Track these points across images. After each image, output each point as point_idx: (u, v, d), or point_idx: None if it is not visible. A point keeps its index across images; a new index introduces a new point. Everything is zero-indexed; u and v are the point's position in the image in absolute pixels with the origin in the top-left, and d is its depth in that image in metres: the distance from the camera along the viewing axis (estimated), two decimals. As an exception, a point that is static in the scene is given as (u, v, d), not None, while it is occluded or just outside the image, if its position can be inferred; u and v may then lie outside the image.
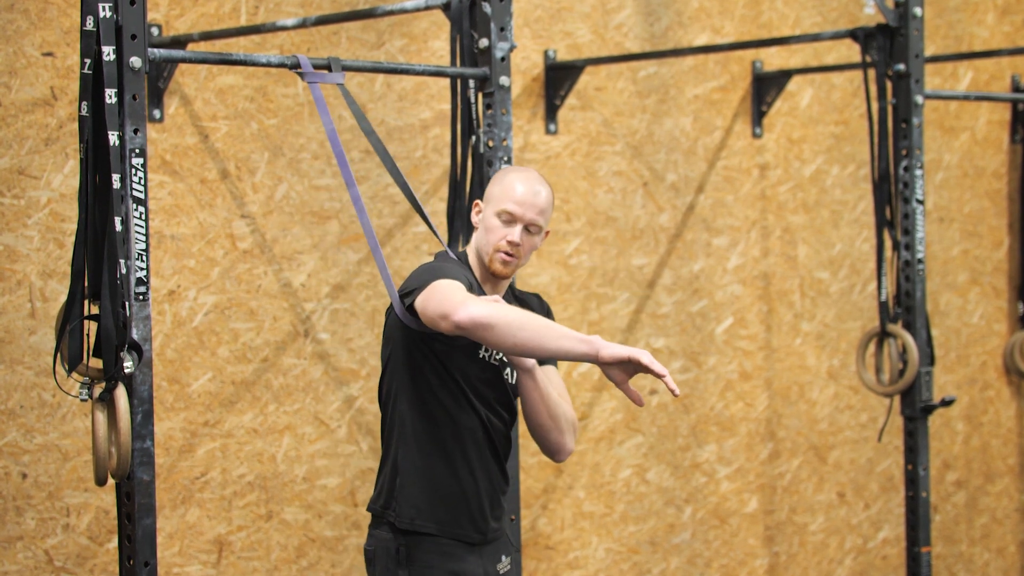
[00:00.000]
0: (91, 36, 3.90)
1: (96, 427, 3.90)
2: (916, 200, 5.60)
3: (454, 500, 4.10)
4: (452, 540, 4.10)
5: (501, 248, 4.10)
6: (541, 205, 4.11)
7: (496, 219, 4.11)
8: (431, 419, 4.08)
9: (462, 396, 4.09)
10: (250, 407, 5.35)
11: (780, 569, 6.91)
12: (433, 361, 4.07)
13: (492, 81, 4.69)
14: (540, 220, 4.12)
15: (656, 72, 6.41)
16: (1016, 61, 7.73)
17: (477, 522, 4.13)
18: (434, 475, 4.09)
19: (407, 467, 4.10)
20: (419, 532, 4.07)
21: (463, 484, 4.10)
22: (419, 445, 4.09)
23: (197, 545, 5.26)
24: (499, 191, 4.13)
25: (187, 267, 5.20)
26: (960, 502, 7.61)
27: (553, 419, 4.16)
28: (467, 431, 4.10)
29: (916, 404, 5.64)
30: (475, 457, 4.11)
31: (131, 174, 3.90)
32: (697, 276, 6.57)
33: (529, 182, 4.12)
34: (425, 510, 4.07)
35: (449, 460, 4.09)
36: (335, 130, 4.22)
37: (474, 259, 4.19)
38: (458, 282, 3.88)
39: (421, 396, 4.08)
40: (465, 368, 4.08)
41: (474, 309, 3.71)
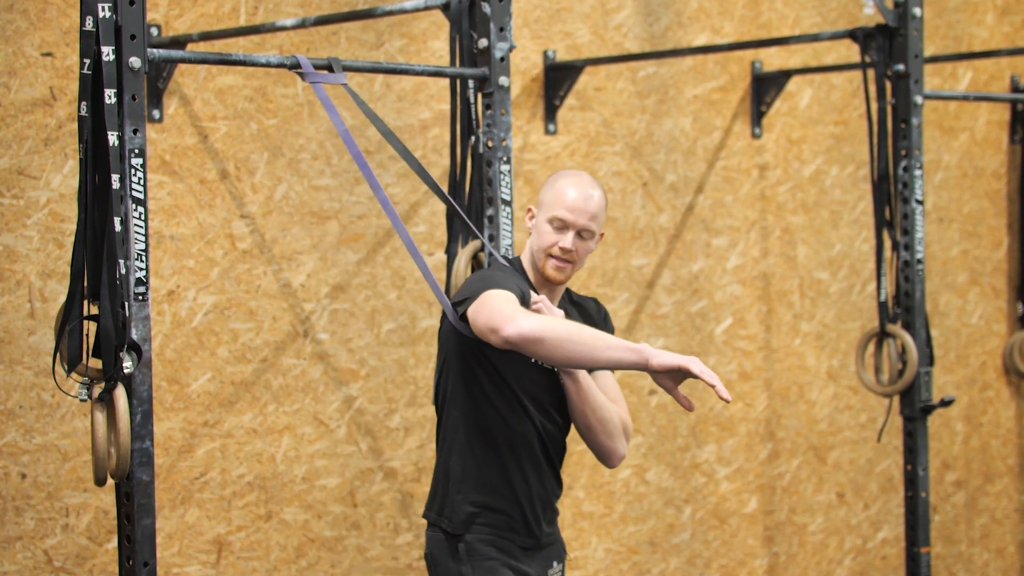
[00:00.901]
0: (90, 36, 3.90)
1: (95, 427, 3.90)
2: (915, 200, 5.60)
3: (508, 506, 4.08)
4: (508, 543, 4.08)
5: (554, 255, 4.08)
6: (593, 210, 4.08)
7: (548, 225, 4.09)
8: (485, 425, 4.06)
9: (516, 403, 4.06)
10: (249, 407, 5.35)
11: (779, 569, 6.91)
12: (487, 367, 4.05)
13: (491, 81, 4.69)
14: (593, 225, 4.09)
15: (655, 72, 6.41)
16: (1015, 61, 7.73)
17: (531, 527, 4.11)
18: (488, 481, 4.07)
19: (460, 473, 4.08)
20: (476, 536, 4.06)
21: (517, 490, 4.08)
22: (473, 451, 4.07)
23: (196, 545, 5.26)
24: (551, 197, 4.11)
25: (186, 267, 5.20)
26: (959, 502, 7.61)
27: (601, 423, 4.12)
28: (521, 437, 4.07)
29: (915, 404, 5.64)
30: (529, 463, 4.09)
31: (130, 174, 3.90)
32: (696, 276, 6.57)
33: (581, 187, 4.09)
34: (479, 515, 4.06)
35: (503, 466, 4.07)
36: (348, 131, 4.19)
37: (528, 264, 4.17)
38: (509, 293, 3.85)
39: (475, 402, 4.06)
40: (520, 374, 4.06)
41: (523, 324, 3.69)
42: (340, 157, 5.51)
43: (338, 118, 4.17)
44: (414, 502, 5.73)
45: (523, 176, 6.01)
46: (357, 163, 4.18)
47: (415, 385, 5.72)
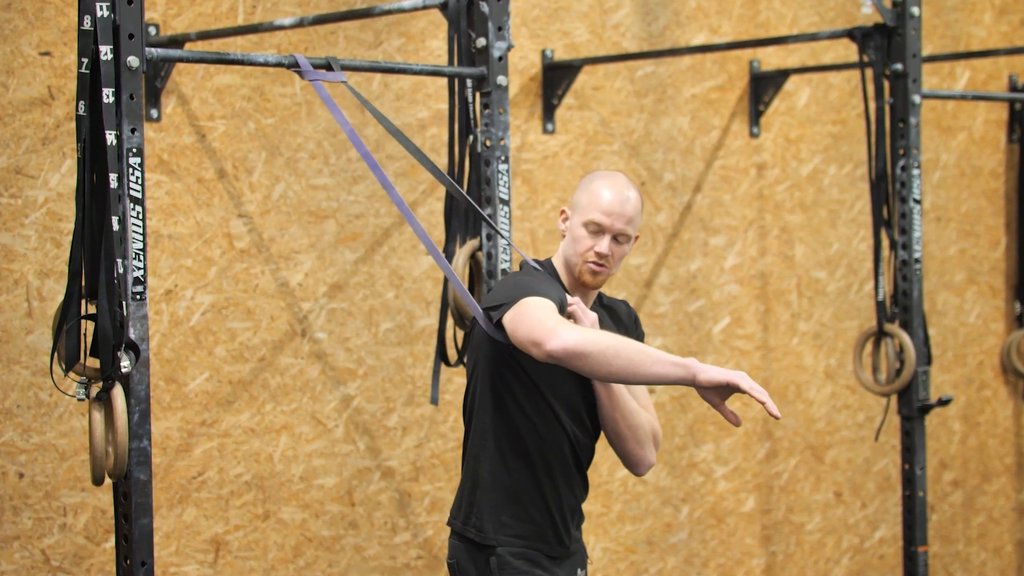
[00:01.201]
0: (88, 35, 3.90)
1: (93, 427, 3.90)
2: (913, 200, 5.60)
3: (538, 515, 4.00)
4: (537, 552, 4.00)
5: (589, 259, 3.99)
6: (629, 214, 3.99)
7: (583, 229, 3.99)
8: (516, 433, 3.98)
9: (548, 410, 3.98)
10: (247, 407, 5.35)
11: (777, 568, 6.91)
12: (519, 374, 3.97)
13: (489, 80, 4.69)
14: (629, 229, 4.00)
15: (653, 72, 6.41)
16: (1013, 61, 7.73)
17: (560, 535, 4.04)
18: (518, 490, 3.99)
19: (489, 481, 4.00)
20: (505, 547, 3.98)
21: (547, 499, 4.00)
22: (503, 459, 3.99)
23: (194, 545, 5.25)
24: (586, 199, 4.01)
25: (184, 266, 5.20)
26: (957, 501, 7.61)
27: (631, 429, 4.04)
28: (552, 445, 3.99)
29: (913, 403, 5.64)
30: (559, 471, 4.01)
31: (128, 173, 3.90)
32: (694, 275, 6.57)
33: (617, 189, 4.00)
34: (508, 524, 3.98)
35: (534, 475, 3.99)
36: (354, 129, 4.17)
37: (561, 267, 4.08)
38: (548, 301, 3.77)
39: (506, 410, 3.98)
40: (553, 381, 3.98)
41: (567, 338, 3.61)
42: (338, 156, 5.51)
43: (341, 116, 4.16)
44: (412, 501, 5.73)
45: (521, 175, 6.01)
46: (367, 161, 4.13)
47: (413, 384, 5.72)
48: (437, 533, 5.80)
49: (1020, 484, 7.91)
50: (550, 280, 3.98)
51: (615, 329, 4.10)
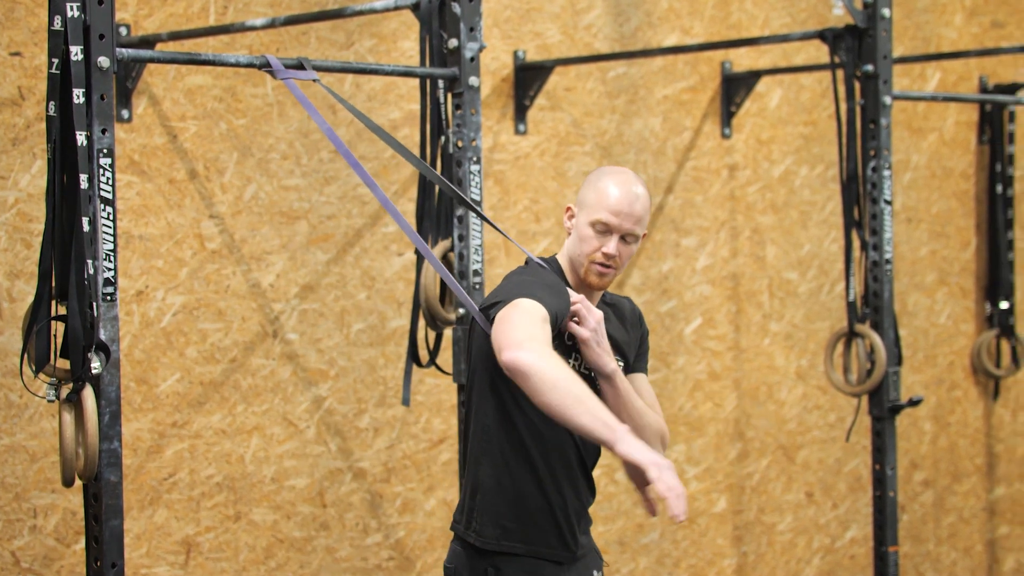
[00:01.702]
0: (59, 36, 3.89)
1: (63, 428, 3.88)
2: (884, 201, 5.61)
3: (542, 519, 3.89)
4: (539, 560, 3.90)
5: (596, 260, 3.89)
6: (638, 213, 3.89)
7: (590, 229, 3.89)
8: (517, 435, 3.88)
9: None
10: (218, 408, 5.34)
11: (748, 569, 6.92)
12: None
13: (461, 81, 4.69)
14: (637, 229, 3.90)
15: (625, 72, 6.42)
16: (984, 62, 7.76)
17: (566, 539, 3.92)
18: (520, 493, 3.89)
19: (491, 485, 3.90)
20: (504, 553, 3.88)
21: (551, 501, 3.89)
22: (504, 461, 3.88)
23: (165, 546, 5.24)
24: (593, 198, 3.90)
25: (155, 267, 5.19)
26: (927, 501, 7.64)
27: (638, 430, 3.88)
28: (555, 447, 3.89)
29: (884, 404, 5.66)
30: (563, 473, 3.91)
31: (99, 174, 3.89)
32: (666, 276, 6.58)
33: (625, 187, 3.90)
34: (511, 529, 3.88)
35: (536, 477, 3.88)
36: (332, 129, 4.14)
37: (567, 265, 3.98)
38: (539, 308, 3.69)
39: (507, 411, 3.88)
40: None
41: (520, 355, 3.53)
42: (310, 157, 5.51)
43: (318, 115, 4.15)
44: (383, 502, 5.73)
45: (493, 176, 6.01)
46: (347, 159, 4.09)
47: (384, 385, 5.71)
48: (409, 534, 5.80)
49: (990, 484, 7.94)
50: (554, 279, 3.89)
51: (619, 326, 4.05)
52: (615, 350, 3.98)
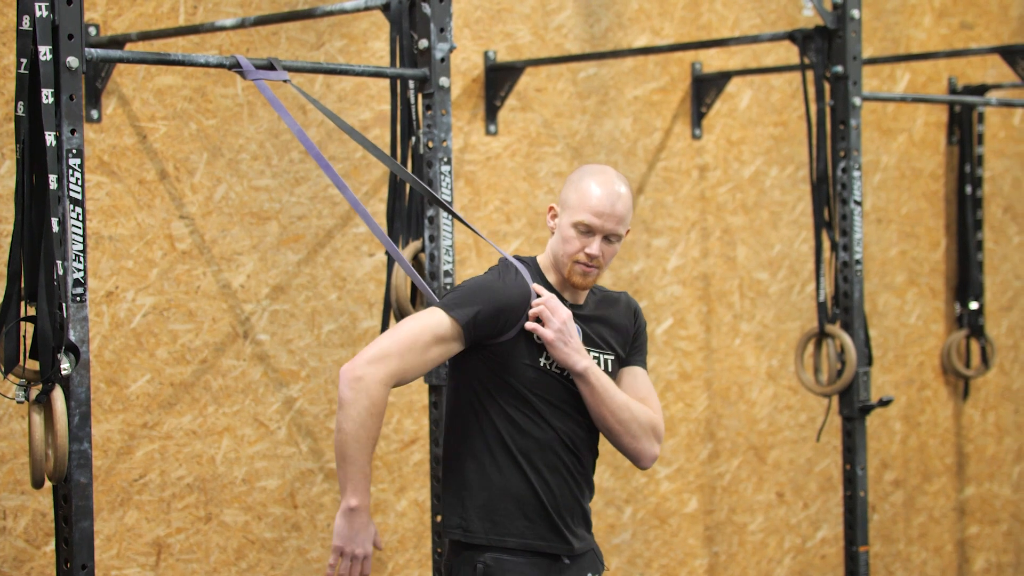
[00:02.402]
0: (27, 36, 3.88)
1: (33, 429, 3.87)
2: (854, 201, 5.63)
3: (532, 512, 3.89)
4: (535, 555, 3.90)
5: (580, 260, 3.90)
6: (620, 213, 3.89)
7: (572, 230, 3.89)
8: (497, 432, 3.89)
9: (530, 409, 3.89)
10: (189, 409, 5.33)
11: (720, 569, 6.93)
12: (495, 372, 3.90)
13: (432, 82, 4.69)
14: (620, 229, 3.91)
15: (596, 73, 6.43)
16: (953, 63, 7.79)
17: (562, 532, 3.92)
18: (506, 487, 3.89)
19: (476, 481, 3.90)
20: (495, 546, 3.88)
21: (540, 496, 3.89)
22: (490, 457, 3.89)
23: (135, 548, 5.23)
24: (575, 199, 3.91)
25: (125, 268, 5.18)
26: (898, 501, 7.66)
27: (621, 424, 3.94)
28: (540, 443, 3.89)
29: (854, 404, 5.67)
30: (548, 470, 3.90)
31: (68, 175, 3.88)
32: (637, 277, 6.58)
33: (607, 187, 3.90)
34: (500, 522, 3.88)
35: (521, 472, 3.88)
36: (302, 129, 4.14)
37: (550, 265, 3.99)
38: (438, 327, 3.78)
39: (485, 409, 3.90)
40: (530, 379, 3.89)
41: (345, 386, 3.74)
42: (280, 157, 5.50)
43: (288, 115, 4.15)
44: (355, 503, 5.72)
45: (464, 177, 6.01)
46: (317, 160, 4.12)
47: (356, 386, 5.70)
48: (380, 535, 5.79)
49: (960, 484, 7.97)
50: (520, 276, 3.91)
51: (611, 320, 4.04)
52: (604, 344, 4.00)
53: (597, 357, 3.98)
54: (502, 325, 3.84)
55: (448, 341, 3.83)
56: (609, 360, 4.00)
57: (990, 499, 8.08)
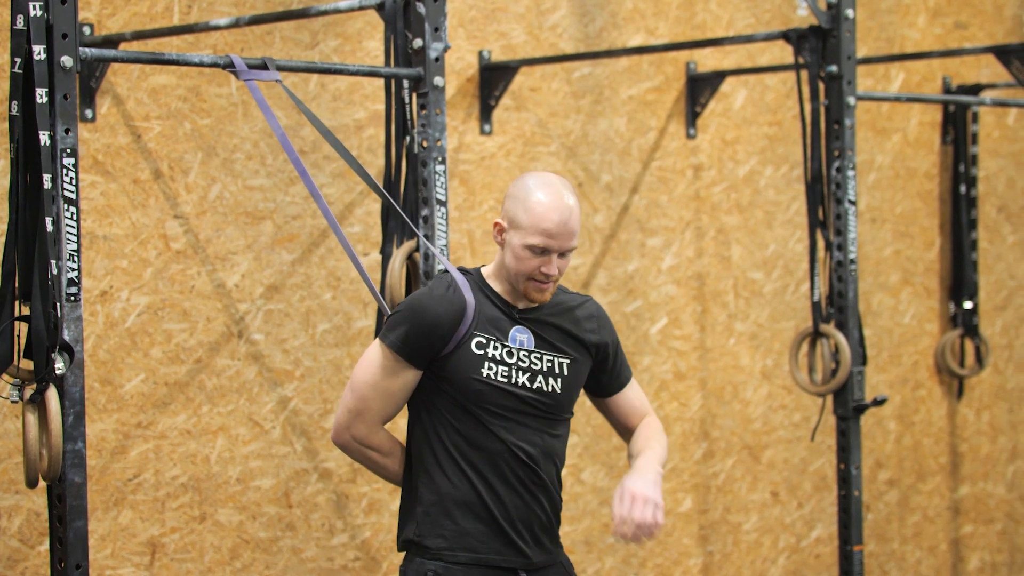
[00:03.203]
0: (21, 35, 3.88)
1: (27, 429, 3.87)
2: (848, 201, 5.63)
3: (484, 526, 3.87)
4: (488, 568, 3.88)
5: (536, 278, 3.86)
6: (573, 228, 3.83)
7: (526, 251, 3.83)
8: (446, 447, 3.87)
9: (479, 424, 3.86)
10: (183, 408, 5.33)
11: (714, 568, 6.94)
12: (439, 387, 3.88)
13: (426, 81, 4.69)
14: (573, 243, 3.86)
15: (590, 73, 6.43)
16: (947, 63, 7.80)
17: (517, 545, 3.89)
18: (458, 502, 3.87)
19: (426, 494, 3.89)
20: (448, 561, 3.87)
21: (491, 509, 3.86)
22: (440, 471, 3.88)
23: (130, 547, 5.23)
24: (525, 220, 3.82)
25: (119, 268, 5.17)
26: (892, 501, 7.67)
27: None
28: (490, 457, 3.87)
29: (848, 403, 5.68)
30: (500, 483, 3.87)
31: (62, 174, 3.88)
32: (631, 276, 6.59)
33: (557, 205, 3.81)
34: (452, 538, 3.86)
35: (472, 486, 3.86)
36: (284, 132, 4.15)
37: (496, 278, 3.94)
38: (382, 363, 3.86)
39: (434, 422, 3.88)
40: (471, 391, 3.86)
41: (341, 449, 4.02)
42: (275, 157, 5.50)
43: (274, 119, 4.15)
44: (349, 503, 5.72)
45: (458, 176, 6.01)
46: (293, 164, 4.14)
47: (350, 386, 5.70)
48: (375, 535, 5.79)
49: (954, 483, 7.97)
50: (441, 298, 3.88)
51: (566, 325, 3.99)
52: (558, 349, 3.95)
53: (552, 360, 3.95)
54: (435, 341, 3.82)
55: (398, 369, 3.85)
56: (565, 364, 3.97)
57: (984, 498, 8.09)
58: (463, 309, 3.87)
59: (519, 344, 3.91)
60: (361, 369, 3.87)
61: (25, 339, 3.96)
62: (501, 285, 3.94)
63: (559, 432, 4.00)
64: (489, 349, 3.87)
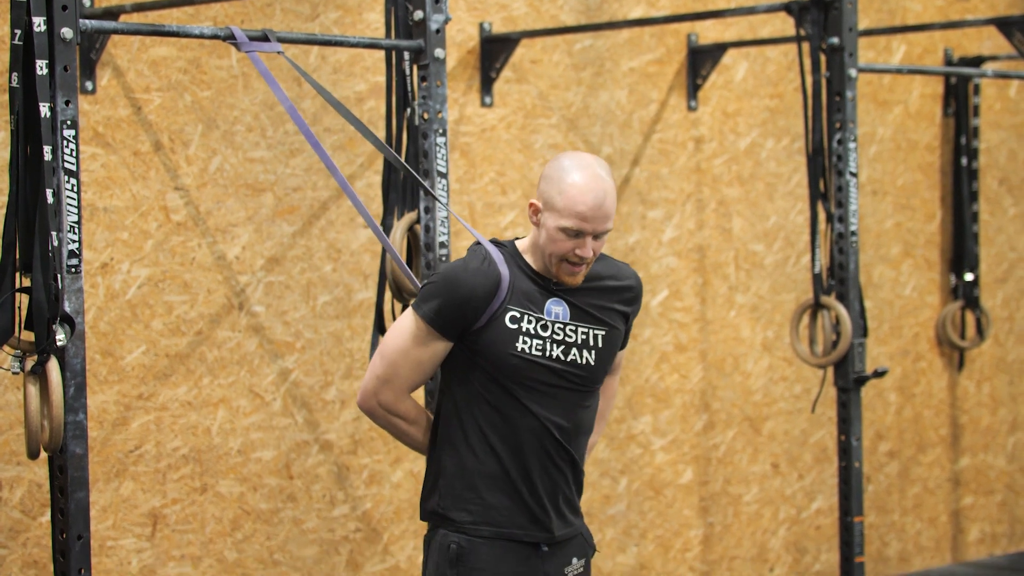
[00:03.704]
0: (21, 7, 3.87)
1: (28, 400, 3.88)
2: (850, 173, 5.63)
3: (508, 500, 3.85)
4: (510, 542, 3.86)
5: (570, 259, 3.81)
6: (608, 211, 3.78)
7: (560, 233, 3.78)
8: (476, 421, 3.85)
9: (513, 399, 3.83)
10: (184, 380, 5.34)
11: (714, 539, 6.95)
12: (471, 360, 3.85)
13: (427, 53, 4.68)
14: (608, 225, 3.81)
15: (592, 45, 6.42)
16: (948, 35, 7.78)
17: (540, 519, 3.87)
18: (483, 476, 3.85)
19: (453, 469, 3.87)
20: (470, 535, 3.85)
21: (517, 485, 3.85)
22: (467, 446, 3.86)
23: (131, 518, 5.24)
24: (560, 203, 3.77)
25: (120, 240, 5.18)
26: (892, 472, 7.68)
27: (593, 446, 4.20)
28: (521, 432, 3.85)
29: (849, 375, 5.68)
30: (530, 457, 3.85)
31: (63, 146, 3.88)
32: (632, 248, 6.59)
33: (593, 188, 3.77)
34: (476, 512, 3.85)
35: (499, 461, 3.84)
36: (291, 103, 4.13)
37: (532, 254, 3.89)
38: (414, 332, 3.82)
39: (465, 395, 3.86)
40: (505, 365, 3.83)
41: (366, 415, 3.99)
42: (275, 129, 5.50)
43: (280, 91, 4.14)
44: (350, 474, 5.74)
45: (459, 148, 6.01)
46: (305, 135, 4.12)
47: (351, 358, 5.71)
48: (376, 506, 5.81)
49: (955, 455, 7.98)
50: (476, 271, 3.83)
51: (606, 295, 3.97)
52: (595, 320, 3.89)
53: (588, 332, 3.92)
54: (469, 314, 3.79)
55: (429, 340, 3.82)
56: (600, 335, 3.94)
57: (984, 470, 8.10)
58: (497, 283, 3.82)
59: (554, 316, 3.87)
60: (392, 336, 3.85)
61: (26, 311, 3.96)
62: (537, 261, 3.89)
63: (590, 404, 3.98)
64: (523, 323, 3.83)
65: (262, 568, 5.53)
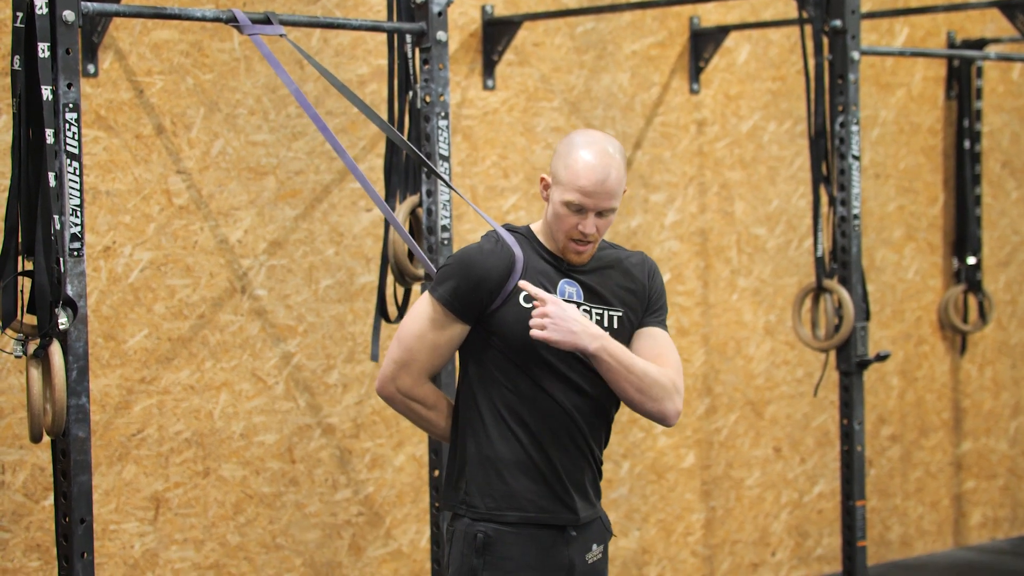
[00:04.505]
0: (23, -11, 3.87)
1: (31, 384, 3.88)
2: (852, 156, 5.63)
3: (531, 484, 3.81)
4: (537, 527, 3.83)
5: (574, 237, 3.79)
6: (612, 188, 3.76)
7: (564, 207, 3.76)
8: (498, 405, 3.83)
9: (534, 384, 3.81)
10: (187, 364, 5.34)
11: (716, 523, 6.96)
12: (488, 343, 3.83)
13: (429, 36, 4.68)
14: (613, 203, 3.77)
15: (594, 28, 6.41)
16: (951, 17, 7.77)
17: (565, 501, 3.84)
18: (505, 462, 3.82)
19: (475, 455, 3.84)
20: (495, 521, 3.81)
21: (540, 469, 3.81)
22: (489, 432, 3.83)
23: (134, 502, 5.24)
24: (565, 176, 3.77)
25: (122, 223, 5.17)
26: (895, 456, 7.68)
27: (642, 392, 3.80)
28: (543, 418, 3.81)
29: (851, 359, 5.68)
30: (552, 443, 3.82)
31: (65, 129, 3.88)
32: (635, 232, 6.58)
33: (598, 163, 3.76)
34: (499, 498, 3.81)
35: (522, 446, 3.81)
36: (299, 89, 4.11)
37: (545, 234, 3.87)
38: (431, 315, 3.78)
39: (484, 380, 3.84)
40: (523, 348, 3.80)
41: (385, 401, 3.89)
42: (277, 112, 5.49)
43: (285, 74, 4.13)
44: (352, 458, 5.74)
45: (461, 131, 6.00)
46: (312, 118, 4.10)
47: (353, 341, 5.71)
48: (378, 490, 5.81)
49: (957, 439, 7.98)
50: (491, 252, 3.81)
51: (621, 280, 3.93)
52: (611, 301, 3.89)
53: (602, 312, 3.90)
54: (484, 295, 3.77)
55: (446, 323, 3.79)
56: (615, 316, 3.91)
57: (987, 454, 8.10)
58: (512, 262, 3.80)
59: (568, 296, 3.85)
60: (409, 321, 3.83)
61: (28, 294, 3.96)
62: (549, 240, 3.87)
63: (602, 393, 3.91)
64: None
65: (264, 552, 5.53)
